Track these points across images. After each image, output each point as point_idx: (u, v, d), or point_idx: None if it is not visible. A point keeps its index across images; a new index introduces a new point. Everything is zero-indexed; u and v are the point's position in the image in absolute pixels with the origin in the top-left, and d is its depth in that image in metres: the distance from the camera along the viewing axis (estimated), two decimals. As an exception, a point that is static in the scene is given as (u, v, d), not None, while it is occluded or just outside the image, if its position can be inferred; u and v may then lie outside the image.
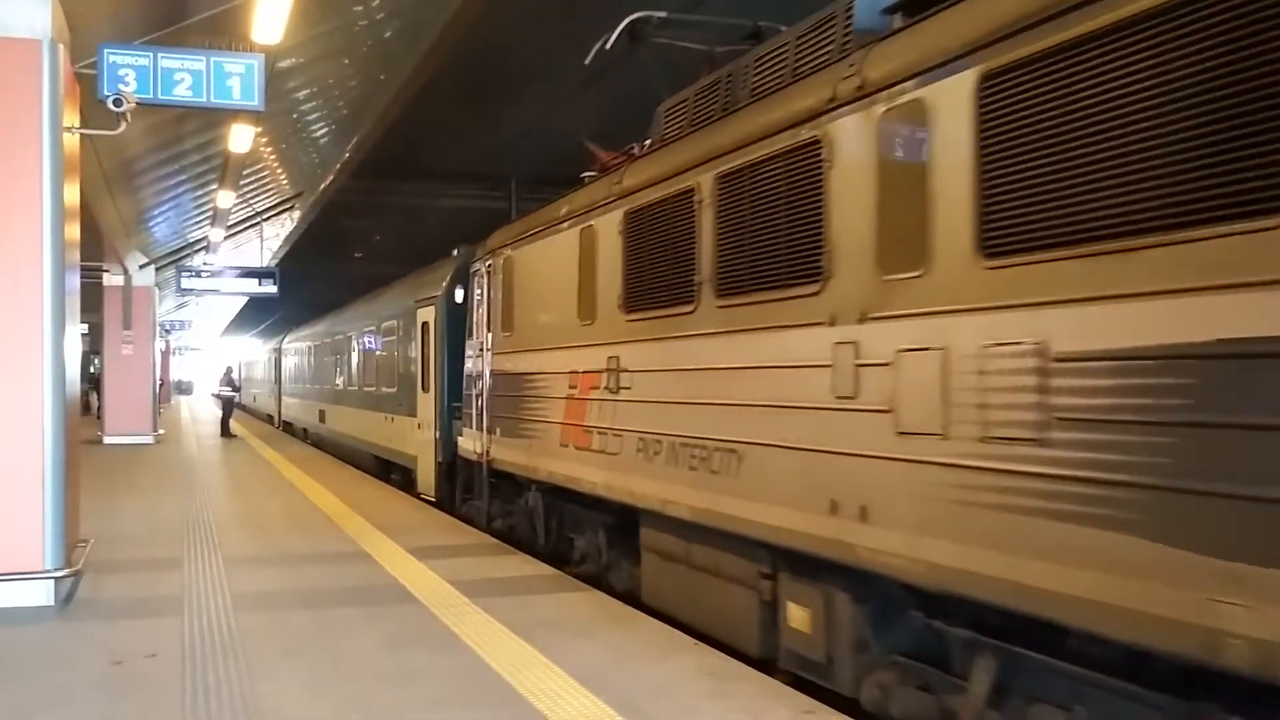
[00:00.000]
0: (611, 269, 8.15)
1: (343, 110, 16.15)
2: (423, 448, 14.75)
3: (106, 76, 8.19)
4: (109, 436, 23.76)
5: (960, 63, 4.62)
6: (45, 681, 5.84)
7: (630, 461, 7.70)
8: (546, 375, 9.47)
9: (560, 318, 9.19)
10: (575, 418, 8.74)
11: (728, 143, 6.59)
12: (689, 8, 11.86)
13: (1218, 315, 3.41)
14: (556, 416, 9.17)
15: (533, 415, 9.82)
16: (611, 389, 8.03)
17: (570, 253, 8.97)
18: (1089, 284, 3.93)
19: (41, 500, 7.55)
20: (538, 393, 9.66)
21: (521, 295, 10.42)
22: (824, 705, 5.38)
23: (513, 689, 5.61)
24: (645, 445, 7.46)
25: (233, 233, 24.71)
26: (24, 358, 7.59)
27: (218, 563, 9.37)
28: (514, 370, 10.40)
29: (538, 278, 9.95)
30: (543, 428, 9.53)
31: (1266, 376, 3.26)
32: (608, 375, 8.10)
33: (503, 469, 10.88)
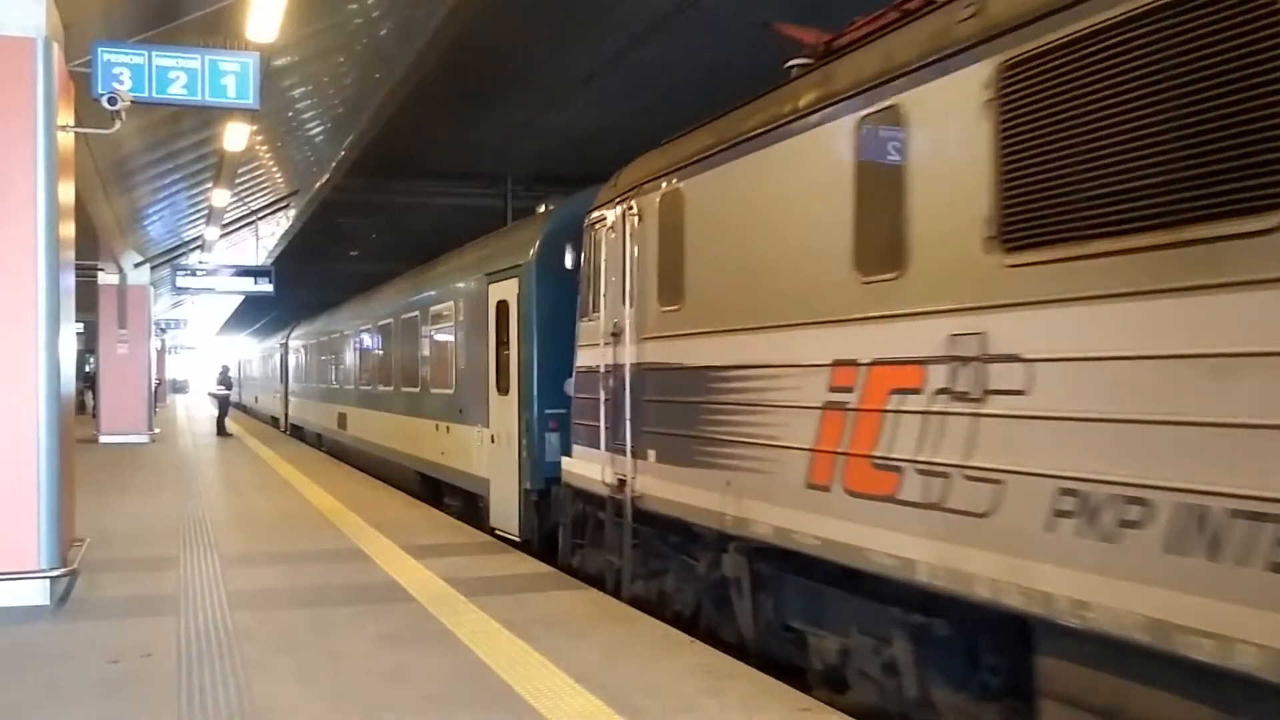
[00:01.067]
0: (965, 174, 4.65)
1: (338, 108, 16.11)
2: (499, 469, 11.36)
3: (101, 75, 8.17)
4: (105, 436, 23.74)
5: None
6: (41, 681, 5.84)
7: (1024, 532, 4.28)
8: (769, 371, 6.10)
9: (802, 275, 5.82)
10: (851, 442, 5.30)
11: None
12: (684, 7, 11.90)
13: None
14: (797, 437, 5.76)
15: (734, 433, 6.43)
16: (965, 393, 4.64)
17: (827, 165, 5.63)
18: None
19: (36, 499, 7.54)
20: (746, 398, 6.32)
21: (700, 247, 7.00)
22: (819, 703, 5.39)
23: (509, 687, 5.62)
24: (1083, 504, 4.00)
25: (228, 231, 24.64)
26: (19, 357, 7.58)
27: (213, 561, 9.36)
28: (685, 362, 7.09)
29: (741, 216, 6.52)
30: (761, 455, 6.13)
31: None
32: (953, 369, 4.71)
33: (661, 511, 7.44)
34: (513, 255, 11.40)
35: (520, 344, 10.81)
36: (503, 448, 11.24)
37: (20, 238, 7.56)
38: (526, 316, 10.72)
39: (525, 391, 10.66)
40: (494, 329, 11.64)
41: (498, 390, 11.47)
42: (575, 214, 9.75)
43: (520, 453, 10.69)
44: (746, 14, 12.29)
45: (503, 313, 11.38)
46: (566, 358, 9.33)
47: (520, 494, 10.70)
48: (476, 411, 12.18)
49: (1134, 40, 3.87)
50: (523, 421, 10.65)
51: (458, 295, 13.44)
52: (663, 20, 12.19)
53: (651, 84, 14.57)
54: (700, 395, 6.89)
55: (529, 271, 10.74)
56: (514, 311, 11.04)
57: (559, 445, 9.97)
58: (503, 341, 11.34)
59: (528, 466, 10.55)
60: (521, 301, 10.87)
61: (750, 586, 6.65)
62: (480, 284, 12.26)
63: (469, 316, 12.85)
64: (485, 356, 11.89)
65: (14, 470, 7.54)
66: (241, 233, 25.98)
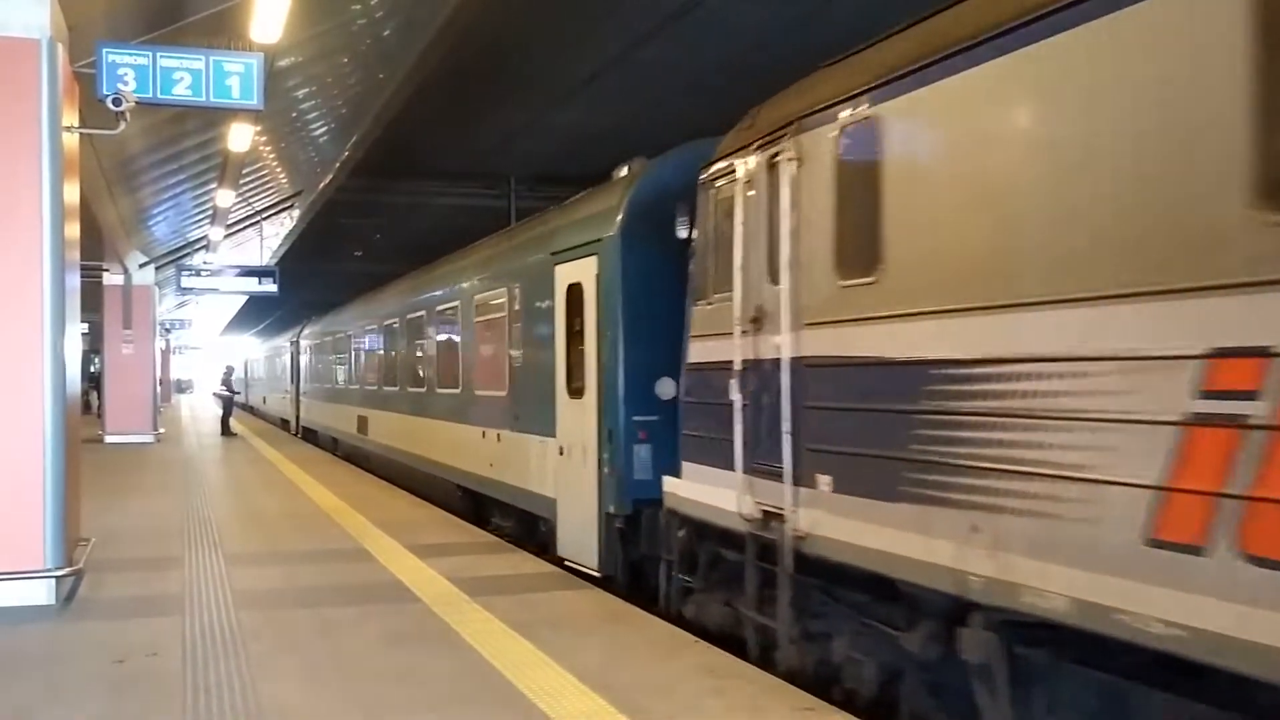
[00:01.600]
0: None
1: (341, 109, 16.14)
2: (570, 487, 9.40)
3: (105, 76, 8.19)
4: (110, 436, 23.78)
5: None
6: (46, 680, 5.85)
7: None
8: (1065, 368, 4.15)
9: (1137, 219, 3.89)
10: (1257, 479, 3.38)
11: None
12: (682, 12, 11.91)
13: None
14: (1128, 466, 3.83)
15: (988, 456, 4.50)
16: None
17: (1198, 41, 3.68)
18: None
19: (42, 499, 7.56)
20: (1014, 406, 4.39)
21: (915, 194, 5.07)
22: (823, 702, 5.40)
23: (513, 687, 5.62)
24: None
25: (232, 232, 24.70)
26: (24, 357, 7.60)
27: (218, 561, 9.38)
28: (887, 355, 5.14)
29: (1003, 138, 4.58)
30: (1046, 490, 4.18)
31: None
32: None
33: (843, 560, 5.49)
34: (588, 229, 9.31)
35: (601, 336, 8.80)
36: (575, 462, 9.22)
37: (25, 238, 7.58)
38: (609, 303, 8.70)
39: (607, 394, 8.67)
40: (563, 319, 9.65)
41: (568, 393, 9.45)
42: (673, 174, 8.32)
43: (600, 469, 8.71)
44: (749, 15, 12.31)
45: (575, 299, 9.36)
46: (662, 353, 7.95)
47: (600, 519, 8.69)
48: (539, 418, 10.16)
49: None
50: (603, 431, 8.68)
51: (512, 281, 11.28)
52: (666, 21, 12.20)
53: (654, 84, 14.58)
54: (917, 401, 4.84)
55: (612, 247, 8.70)
56: (591, 297, 9.02)
57: (651, 460, 8.36)
58: (575, 334, 9.40)
59: (610, 486, 8.56)
60: (602, 284, 8.85)
61: (1008, 678, 4.59)
62: (543, 266, 10.12)
63: (528, 305, 10.73)
64: (551, 352, 9.85)
65: (19, 470, 7.56)
66: (246, 233, 26.05)
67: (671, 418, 7.70)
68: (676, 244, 7.65)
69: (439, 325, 14.75)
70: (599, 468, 8.74)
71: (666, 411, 7.97)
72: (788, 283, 5.96)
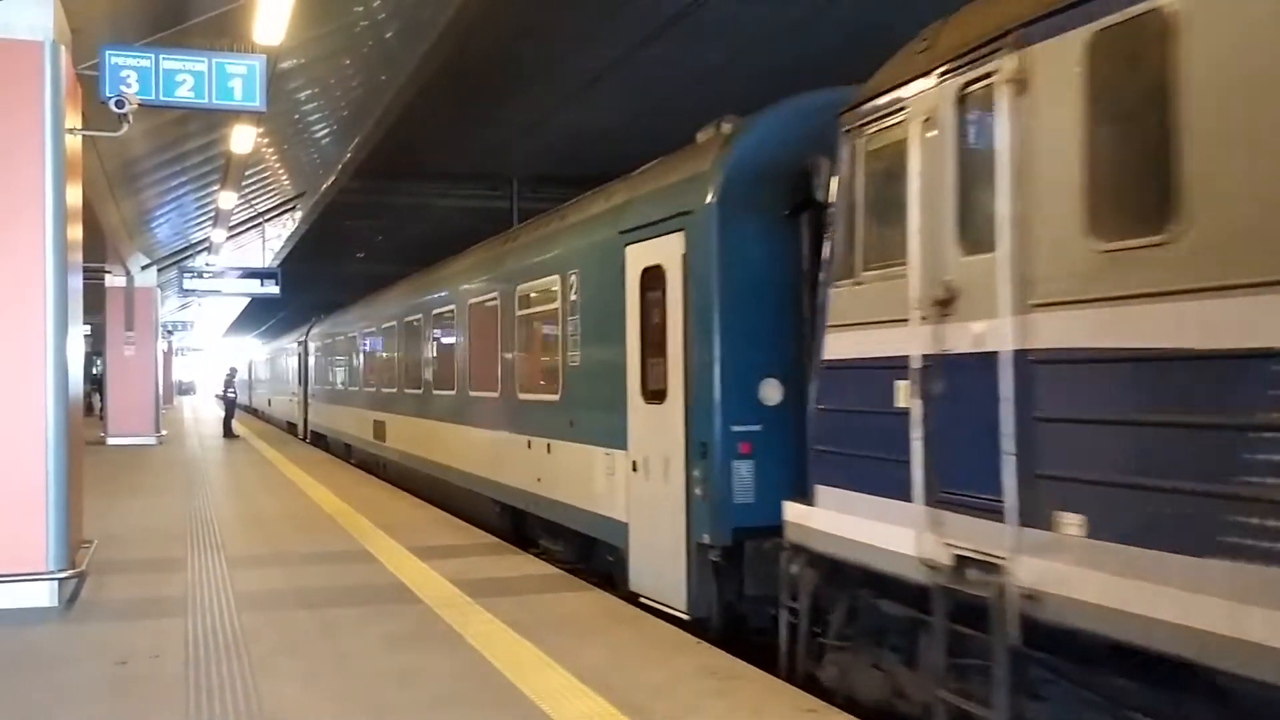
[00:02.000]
0: None
1: (344, 111, 16.14)
2: (646, 509, 7.91)
3: (108, 78, 8.20)
4: (112, 438, 23.80)
5: None
6: (49, 682, 5.85)
7: None
8: None
9: None
10: None
11: None
12: (684, 13, 11.92)
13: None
14: None
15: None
16: None
17: None
18: None
19: (44, 501, 7.57)
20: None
21: (1259, 119, 3.49)
22: (825, 703, 5.39)
23: (515, 688, 5.62)
24: None
25: (235, 234, 24.72)
26: (26, 358, 7.61)
27: (221, 563, 9.38)
28: (1193, 346, 3.65)
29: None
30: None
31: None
32: None
33: (1114, 635, 3.91)
34: (672, 200, 7.74)
35: (689, 329, 7.31)
36: (654, 480, 7.73)
37: (28, 240, 7.60)
38: (700, 288, 7.18)
39: (697, 399, 7.17)
40: (637, 309, 8.13)
41: (643, 396, 7.96)
42: (782, 130, 7.20)
43: (688, 489, 7.22)
44: (751, 15, 12.32)
45: (653, 285, 7.86)
46: (767, 348, 6.94)
47: (688, 551, 7.19)
48: (604, 426, 8.63)
49: None
50: (692, 443, 7.21)
51: (566, 267, 9.65)
52: (669, 22, 12.20)
53: (657, 84, 14.58)
54: (1249, 411, 3.40)
55: (705, 221, 7.14)
56: (675, 282, 7.49)
57: (754, 480, 6.93)
58: (652, 327, 7.90)
59: (703, 511, 7.04)
60: (691, 266, 7.31)
61: None
62: (608, 248, 8.62)
63: (589, 294, 9.15)
64: (618, 349, 8.36)
65: (22, 472, 7.56)
66: (248, 235, 26.06)
67: (779, 428, 6.82)
68: (783, 216, 6.74)
69: (471, 321, 13.12)
70: (687, 488, 7.22)
71: (773, 420, 6.90)
72: (1007, 249, 4.40)
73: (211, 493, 15.17)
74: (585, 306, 9.26)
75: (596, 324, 9.00)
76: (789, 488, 6.37)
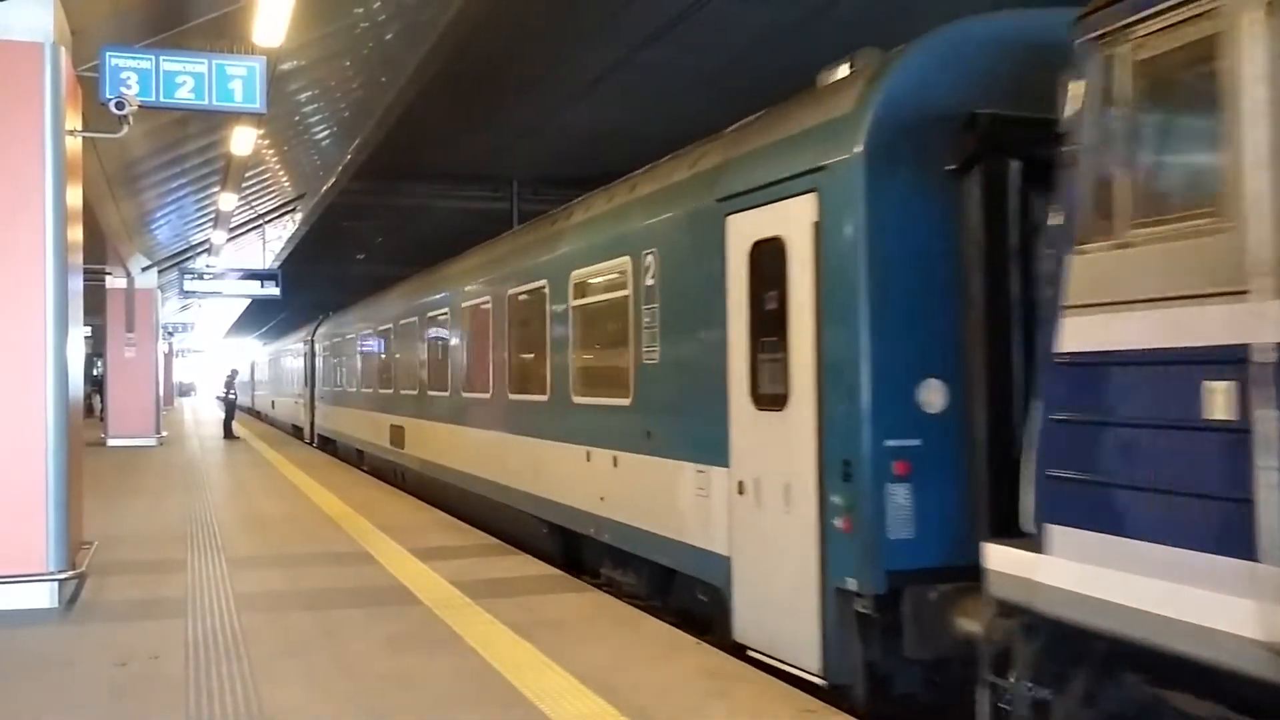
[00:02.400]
0: None
1: (344, 112, 16.14)
2: (757, 543, 6.43)
3: (108, 79, 8.21)
4: (112, 439, 23.81)
5: None
6: (49, 683, 5.85)
7: None
8: None
9: None
10: None
11: None
12: (685, 14, 11.93)
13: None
14: None
15: None
16: None
17: None
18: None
19: (45, 502, 7.57)
20: None
21: None
22: (825, 705, 5.39)
23: (515, 689, 5.62)
24: None
25: (235, 235, 24.71)
26: (27, 359, 7.61)
27: (221, 564, 9.38)
28: None
29: None
30: None
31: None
32: None
33: None
34: (797, 154, 6.20)
35: (825, 316, 5.83)
36: (768, 506, 6.23)
37: (28, 241, 7.60)
38: (843, 263, 5.69)
39: (839, 405, 5.69)
40: (744, 293, 6.58)
41: (753, 402, 6.45)
42: (949, 61, 5.76)
43: (822, 520, 5.73)
44: (752, 16, 12.33)
45: (768, 262, 6.33)
46: (927, 341, 5.58)
47: (823, 598, 5.73)
48: (695, 437, 7.21)
49: None
50: (828, 461, 5.73)
51: (639, 247, 8.13)
52: (670, 23, 12.21)
53: (658, 85, 14.59)
54: None
55: (850, 177, 5.64)
56: (802, 257, 5.99)
57: (914, 509, 5.50)
58: (767, 315, 6.39)
59: (846, 547, 5.57)
60: (829, 236, 5.81)
61: None
62: (702, 220, 7.16)
63: (672, 277, 7.66)
64: (717, 343, 6.85)
65: (22, 473, 7.57)
66: (248, 236, 26.06)
67: (943, 441, 5.50)
68: (948, 173, 5.48)
69: (510, 314, 11.50)
70: (820, 518, 5.74)
71: (935, 431, 5.53)
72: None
73: (212, 494, 15.17)
74: (667, 292, 7.73)
75: (683, 313, 7.50)
76: (959, 519, 5.30)
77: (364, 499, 14.27)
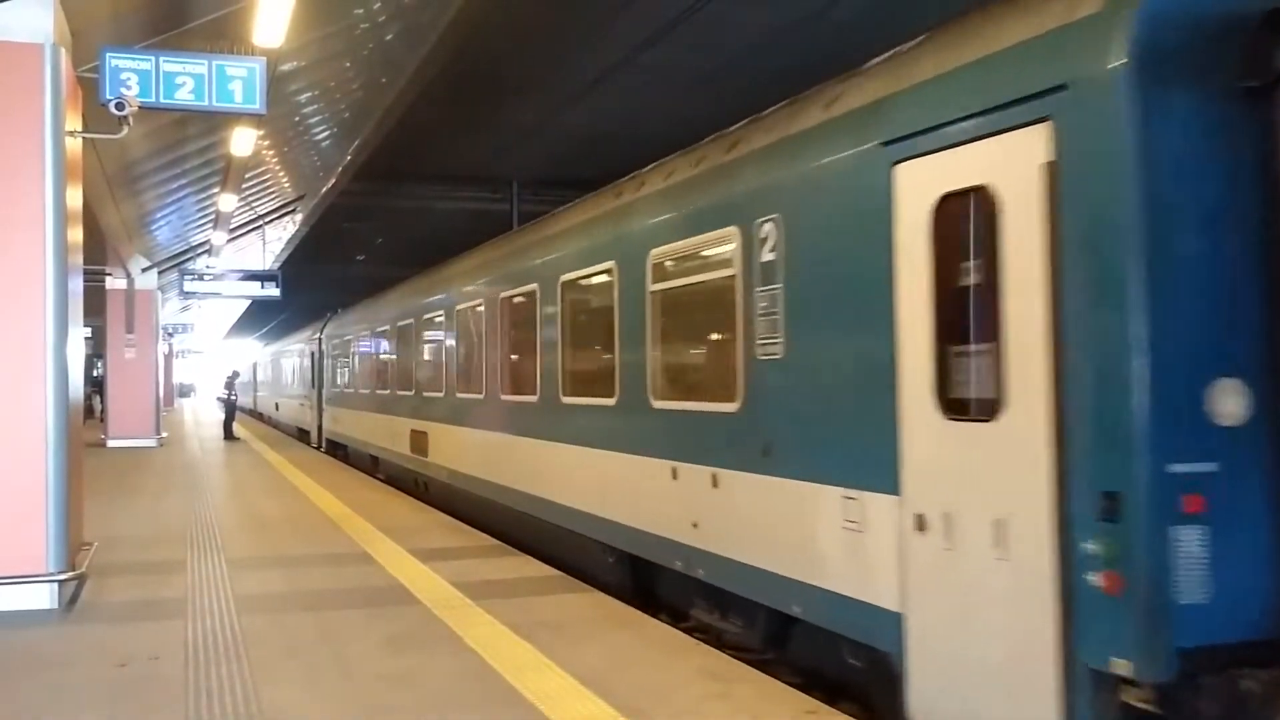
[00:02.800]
0: None
1: (344, 113, 16.15)
2: (949, 599, 4.86)
3: (108, 80, 8.21)
4: (112, 440, 23.81)
5: None
6: (49, 684, 5.85)
7: None
8: None
9: None
10: None
11: None
12: (685, 15, 11.92)
13: None
14: None
15: None
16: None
17: None
18: None
19: (45, 503, 7.57)
20: None
21: None
22: (825, 705, 5.39)
23: (515, 690, 5.61)
24: None
25: (235, 236, 24.72)
26: (27, 360, 7.61)
27: (221, 565, 9.38)
28: None
29: None
30: None
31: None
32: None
33: None
34: (1017, 71, 4.67)
35: (1064, 296, 4.35)
36: (970, 547, 4.74)
37: (28, 242, 7.60)
38: (1098, 218, 4.24)
39: (1094, 414, 4.21)
40: (925, 264, 5.09)
41: (941, 409, 4.97)
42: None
43: (1067, 571, 4.25)
44: (751, 17, 12.33)
45: (963, 224, 4.90)
46: (1229, 328, 4.15)
47: (1065, 682, 4.24)
48: (838, 452, 5.72)
49: None
50: (1075, 490, 4.24)
51: (752, 214, 6.55)
52: (670, 24, 12.21)
53: (658, 86, 14.60)
54: None
55: (1108, 98, 4.17)
56: (1026, 211, 4.51)
57: (1210, 559, 4.05)
58: (962, 292, 4.95)
59: (1112, 613, 4.08)
60: (1072, 181, 4.32)
61: None
62: (858, 170, 5.61)
63: (803, 248, 6.09)
64: (878, 331, 5.34)
65: (22, 474, 7.56)
66: (248, 237, 26.07)
67: (1248, 466, 4.09)
68: (1244, 92, 4.12)
69: (565, 304, 9.84)
70: (1062, 571, 4.26)
71: (1237, 452, 4.11)
72: None
73: (212, 495, 15.17)
74: (796, 269, 6.11)
75: (821, 294, 5.90)
76: (1277, 574, 4.00)
77: (364, 500, 14.26)
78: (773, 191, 6.40)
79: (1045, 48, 4.54)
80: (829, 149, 5.93)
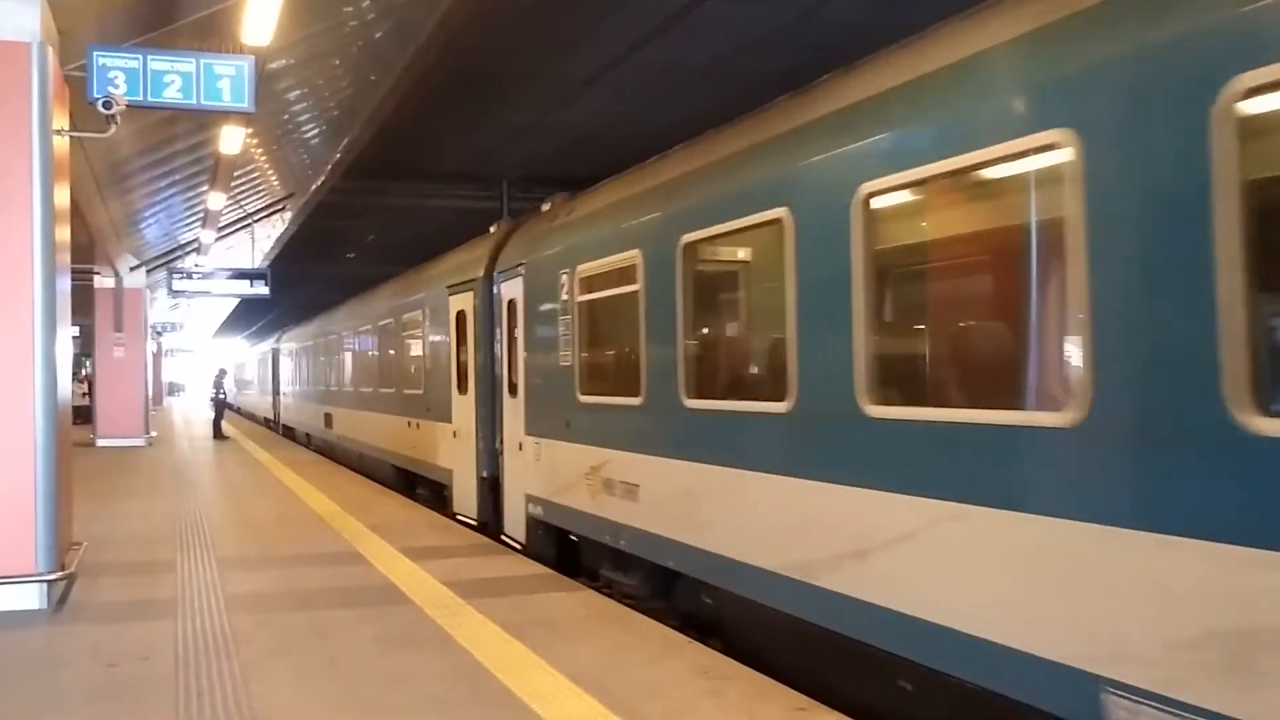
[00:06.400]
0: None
1: (333, 111, 16.10)
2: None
3: (96, 79, 8.18)
4: (101, 439, 23.72)
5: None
6: (38, 685, 5.83)
7: None
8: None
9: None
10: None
11: None
12: (678, 14, 11.92)
13: None
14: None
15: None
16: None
17: None
18: None
19: (33, 503, 7.54)
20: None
21: None
22: (816, 702, 5.40)
23: (506, 689, 5.62)
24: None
25: (224, 234, 24.64)
26: (15, 360, 7.58)
27: (211, 565, 9.36)
28: None
29: None
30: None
31: None
32: None
33: None
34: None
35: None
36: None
37: (16, 242, 7.56)
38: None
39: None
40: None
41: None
42: None
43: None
44: (746, 15, 12.33)
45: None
46: None
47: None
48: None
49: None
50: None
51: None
52: (663, 22, 12.20)
53: (651, 85, 14.57)
54: None
55: None
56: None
57: None
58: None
59: None
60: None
61: None
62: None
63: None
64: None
65: (10, 474, 7.54)
66: (237, 235, 25.98)
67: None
68: None
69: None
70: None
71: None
72: None
73: (202, 494, 15.13)
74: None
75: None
76: None
77: (354, 499, 14.25)
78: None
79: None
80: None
